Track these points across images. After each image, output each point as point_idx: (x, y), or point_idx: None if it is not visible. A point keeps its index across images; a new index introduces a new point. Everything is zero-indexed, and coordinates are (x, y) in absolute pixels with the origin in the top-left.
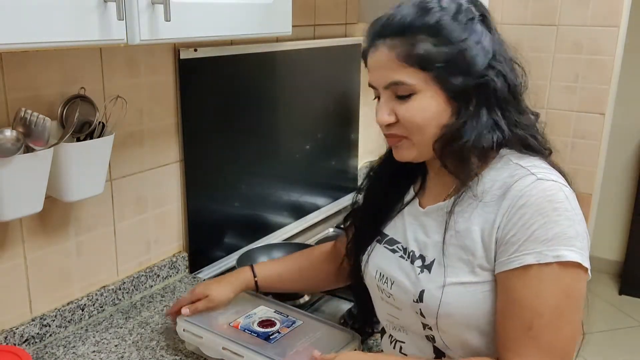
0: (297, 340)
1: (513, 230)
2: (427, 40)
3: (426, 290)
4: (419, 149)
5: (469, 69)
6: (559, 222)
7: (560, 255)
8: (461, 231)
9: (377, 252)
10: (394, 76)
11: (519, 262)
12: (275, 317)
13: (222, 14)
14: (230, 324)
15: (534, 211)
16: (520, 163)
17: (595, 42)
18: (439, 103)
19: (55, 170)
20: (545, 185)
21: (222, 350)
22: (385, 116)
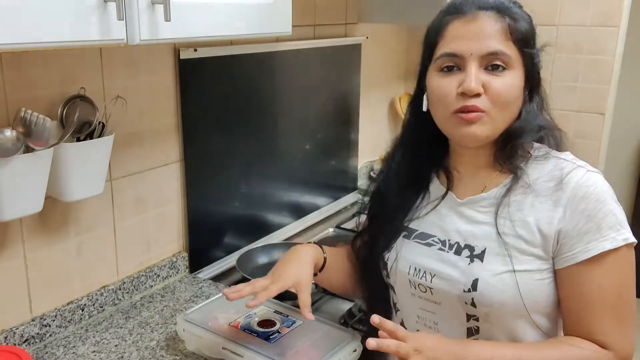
0: (297, 340)
1: (581, 221)
2: (526, 26)
3: (480, 279)
4: (495, 126)
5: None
6: (616, 208)
7: (627, 237)
8: (516, 221)
9: (408, 247)
10: (497, 46)
11: (598, 249)
12: (275, 317)
13: (222, 14)
14: (230, 324)
15: (595, 201)
16: (561, 156)
17: (595, 42)
18: (521, 86)
19: (55, 170)
20: (596, 176)
21: (222, 350)
22: (476, 85)
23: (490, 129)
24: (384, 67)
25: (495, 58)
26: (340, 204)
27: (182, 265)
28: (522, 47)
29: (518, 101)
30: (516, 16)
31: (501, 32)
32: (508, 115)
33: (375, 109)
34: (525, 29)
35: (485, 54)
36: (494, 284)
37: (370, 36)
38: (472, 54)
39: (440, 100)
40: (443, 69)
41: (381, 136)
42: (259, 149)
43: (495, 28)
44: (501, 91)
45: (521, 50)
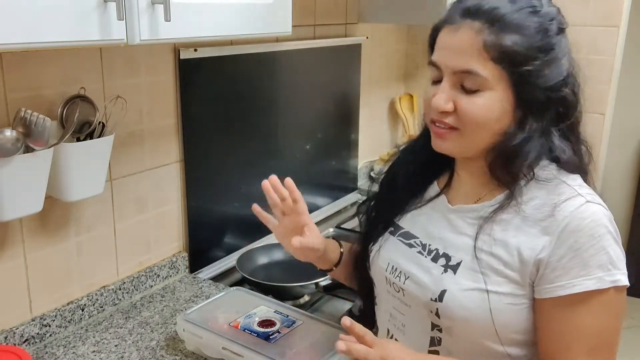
0: (297, 340)
1: (568, 255)
2: (517, 38)
3: (448, 291)
4: (466, 145)
5: (549, 81)
6: (611, 246)
7: (617, 280)
8: (497, 240)
9: (390, 244)
10: (470, 64)
11: (579, 288)
12: (275, 317)
13: (222, 14)
14: (230, 324)
15: (588, 236)
16: (566, 181)
17: (595, 42)
18: (505, 107)
19: (55, 170)
20: (595, 208)
21: (222, 350)
22: (443, 103)
23: (462, 146)
24: (384, 67)
25: (465, 77)
26: (340, 204)
27: (182, 265)
28: (507, 66)
29: (499, 122)
30: (504, 30)
31: (478, 49)
32: (485, 134)
33: (375, 109)
34: (514, 44)
35: (458, 72)
36: (460, 299)
37: (370, 36)
38: (447, 67)
39: (423, 108)
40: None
41: (381, 136)
42: (259, 149)
43: (473, 43)
44: (470, 113)
45: (506, 70)
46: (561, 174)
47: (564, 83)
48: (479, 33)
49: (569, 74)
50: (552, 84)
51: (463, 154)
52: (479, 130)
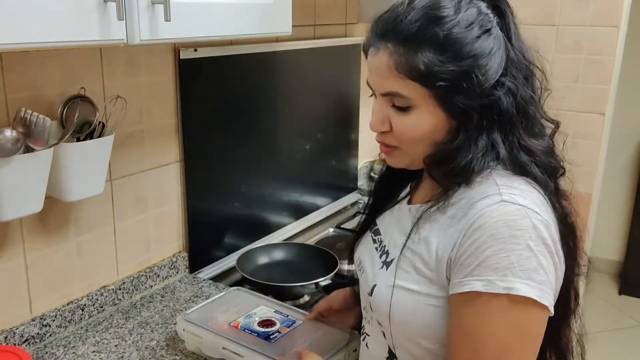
0: (297, 340)
1: (467, 252)
2: (431, 55)
3: (377, 286)
4: (411, 159)
5: (475, 88)
6: (517, 250)
7: (511, 287)
8: (421, 238)
9: (364, 240)
10: (391, 86)
11: (468, 287)
12: (275, 316)
13: (222, 14)
14: (230, 323)
15: (489, 235)
16: (497, 180)
17: (595, 42)
18: (437, 121)
19: (55, 170)
20: (509, 208)
21: (222, 350)
22: (378, 124)
23: (408, 160)
24: None
25: (392, 98)
26: (340, 204)
27: (182, 265)
28: (425, 83)
29: (434, 135)
30: (417, 47)
31: (393, 70)
32: (423, 147)
33: None
34: (428, 65)
35: (384, 93)
36: (384, 295)
37: None
38: (375, 89)
39: None
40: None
41: None
42: (259, 149)
43: (388, 65)
44: (403, 131)
45: (425, 86)
46: (499, 174)
47: (497, 85)
48: (391, 55)
49: (506, 69)
50: (480, 90)
51: (412, 165)
52: (416, 145)
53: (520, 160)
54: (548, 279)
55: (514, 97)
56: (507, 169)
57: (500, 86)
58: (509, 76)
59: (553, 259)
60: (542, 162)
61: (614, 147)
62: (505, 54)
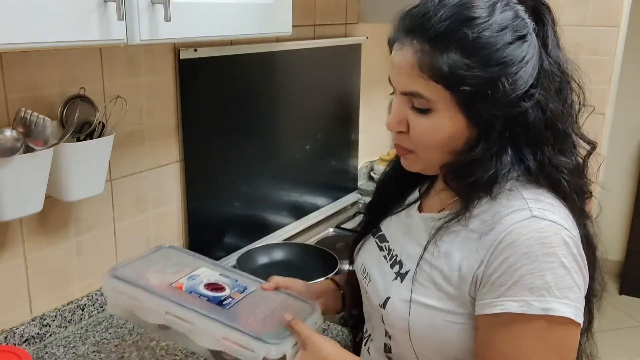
0: (256, 308)
1: (499, 270)
2: (457, 57)
3: (391, 299)
4: (425, 164)
5: (500, 98)
6: (552, 269)
7: (549, 308)
8: (442, 252)
9: (368, 245)
10: (412, 86)
11: (502, 308)
12: (223, 280)
13: (222, 14)
14: (172, 284)
15: (522, 253)
16: (524, 194)
17: (595, 42)
18: (457, 127)
19: (55, 170)
20: (541, 224)
21: (165, 314)
22: (395, 124)
23: (422, 165)
24: (384, 67)
25: (412, 99)
26: (340, 204)
27: None
28: (449, 87)
29: (453, 142)
30: (444, 47)
31: (417, 68)
32: (440, 154)
33: (375, 109)
34: (453, 67)
35: (404, 92)
36: (399, 309)
37: (370, 36)
38: (396, 87)
39: None
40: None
41: (381, 136)
42: (259, 149)
43: (411, 63)
44: (421, 135)
45: (448, 90)
46: (524, 187)
47: (525, 97)
48: (416, 53)
49: (538, 79)
50: (505, 101)
51: (427, 171)
52: (432, 151)
53: (550, 176)
54: (581, 295)
55: (542, 111)
56: (533, 182)
57: (529, 98)
58: (540, 88)
59: (583, 274)
60: (570, 181)
61: (614, 147)
62: (539, 64)
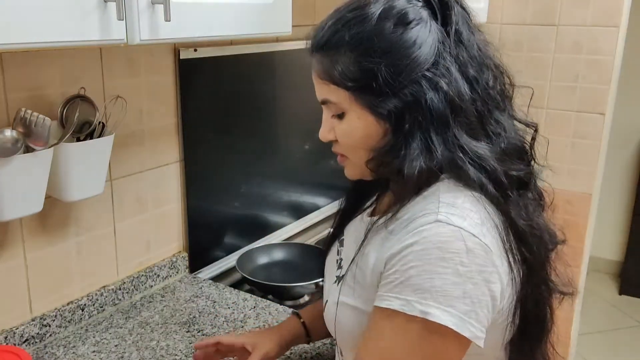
0: None
1: (394, 268)
2: (346, 56)
3: (328, 302)
4: (358, 168)
5: (392, 85)
6: (443, 275)
7: (428, 312)
8: (365, 253)
9: (331, 252)
10: (322, 94)
11: (387, 304)
12: None
13: (222, 14)
14: None
15: (417, 254)
16: (441, 197)
17: (595, 42)
18: (367, 124)
19: (55, 170)
20: (443, 229)
21: None
22: (325, 133)
23: (357, 170)
24: None
25: (328, 106)
26: None
27: (182, 265)
28: (344, 86)
29: (370, 139)
30: (333, 53)
31: (319, 77)
32: (364, 154)
33: None
34: (343, 66)
35: (321, 101)
36: (331, 311)
37: None
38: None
39: None
40: None
41: None
42: (259, 149)
43: (316, 74)
44: (342, 139)
45: (347, 90)
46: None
47: (423, 77)
48: (317, 64)
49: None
50: (399, 85)
51: (364, 176)
52: (356, 151)
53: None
54: (473, 309)
55: (443, 93)
56: (457, 181)
57: (425, 80)
58: (440, 70)
59: (489, 286)
60: (493, 167)
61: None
62: (436, 48)
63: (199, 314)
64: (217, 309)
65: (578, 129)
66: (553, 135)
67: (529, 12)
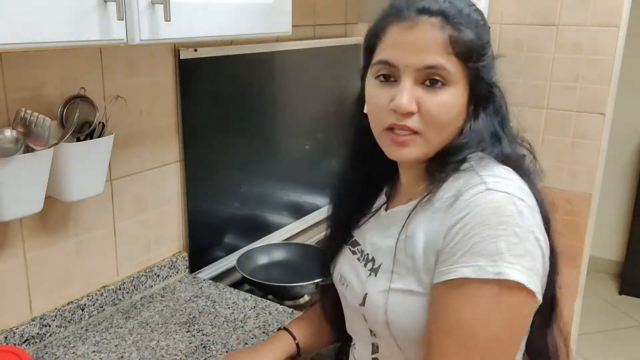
0: None
1: (454, 240)
2: (471, 33)
3: (369, 294)
4: (429, 148)
5: (492, 76)
6: (504, 236)
7: (501, 272)
8: (409, 236)
9: (342, 254)
10: (435, 59)
11: (456, 274)
12: None
13: (222, 14)
14: None
15: (476, 222)
16: (480, 172)
17: (595, 42)
18: (462, 103)
19: (55, 170)
20: (495, 196)
21: None
22: (409, 103)
23: (423, 151)
24: None
25: (433, 73)
26: None
27: (182, 265)
28: (465, 60)
29: (458, 119)
30: (463, 24)
31: (442, 43)
32: (445, 135)
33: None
34: (470, 40)
35: (422, 68)
36: (376, 302)
37: None
38: (407, 65)
39: (373, 113)
40: (379, 77)
41: None
42: (259, 149)
43: (436, 39)
44: (436, 112)
45: (465, 64)
46: (479, 165)
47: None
48: (441, 29)
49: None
50: (492, 80)
51: (423, 158)
52: (442, 130)
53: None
54: (535, 265)
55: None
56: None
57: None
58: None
59: (540, 245)
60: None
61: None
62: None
63: (199, 314)
64: (217, 309)
65: (578, 129)
66: (553, 135)
67: (529, 12)
